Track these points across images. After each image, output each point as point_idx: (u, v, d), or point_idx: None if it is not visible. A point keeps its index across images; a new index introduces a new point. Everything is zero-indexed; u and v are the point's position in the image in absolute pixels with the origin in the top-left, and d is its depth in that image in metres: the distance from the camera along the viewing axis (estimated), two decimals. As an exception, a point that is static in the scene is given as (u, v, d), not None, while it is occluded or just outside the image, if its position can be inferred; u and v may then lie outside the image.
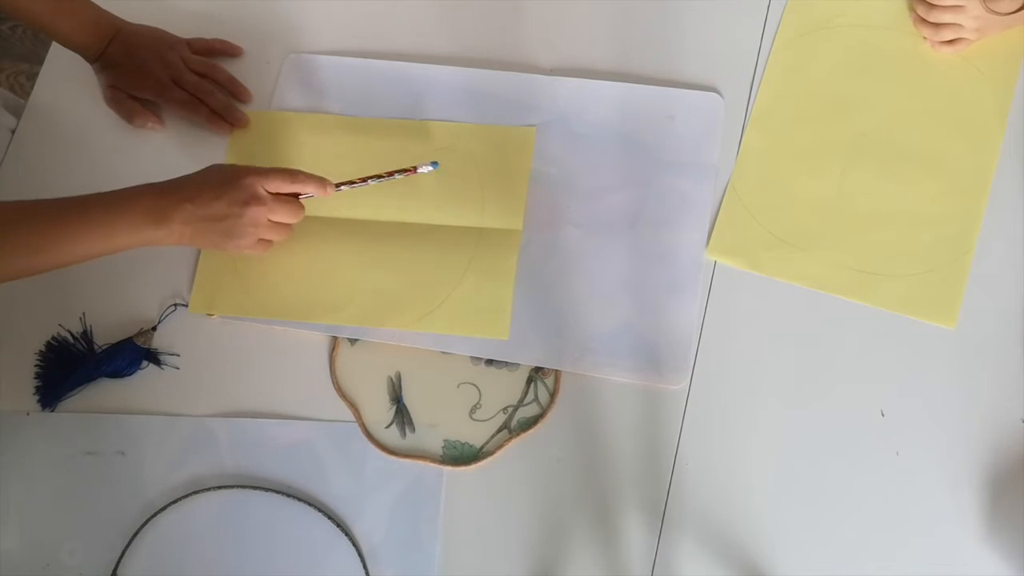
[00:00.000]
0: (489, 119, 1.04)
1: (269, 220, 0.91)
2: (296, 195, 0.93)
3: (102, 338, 0.96)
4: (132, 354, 0.94)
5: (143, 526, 0.89)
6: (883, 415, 0.90)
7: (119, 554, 0.88)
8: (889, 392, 0.91)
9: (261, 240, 0.92)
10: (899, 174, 0.99)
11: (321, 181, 0.93)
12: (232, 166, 0.92)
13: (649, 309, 0.95)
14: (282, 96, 1.08)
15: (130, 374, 0.94)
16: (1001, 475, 0.87)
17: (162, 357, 0.95)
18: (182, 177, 0.91)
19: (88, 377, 0.94)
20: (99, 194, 0.88)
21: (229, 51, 1.09)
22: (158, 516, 0.89)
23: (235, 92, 1.06)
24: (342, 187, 0.96)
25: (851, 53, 1.04)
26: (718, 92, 1.04)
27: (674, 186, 1.00)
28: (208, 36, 1.09)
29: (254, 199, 0.89)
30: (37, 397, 0.94)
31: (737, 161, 1.01)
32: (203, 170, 0.91)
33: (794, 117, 1.02)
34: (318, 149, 1.04)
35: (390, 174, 0.97)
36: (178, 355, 0.95)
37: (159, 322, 0.96)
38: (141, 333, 0.96)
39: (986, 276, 0.94)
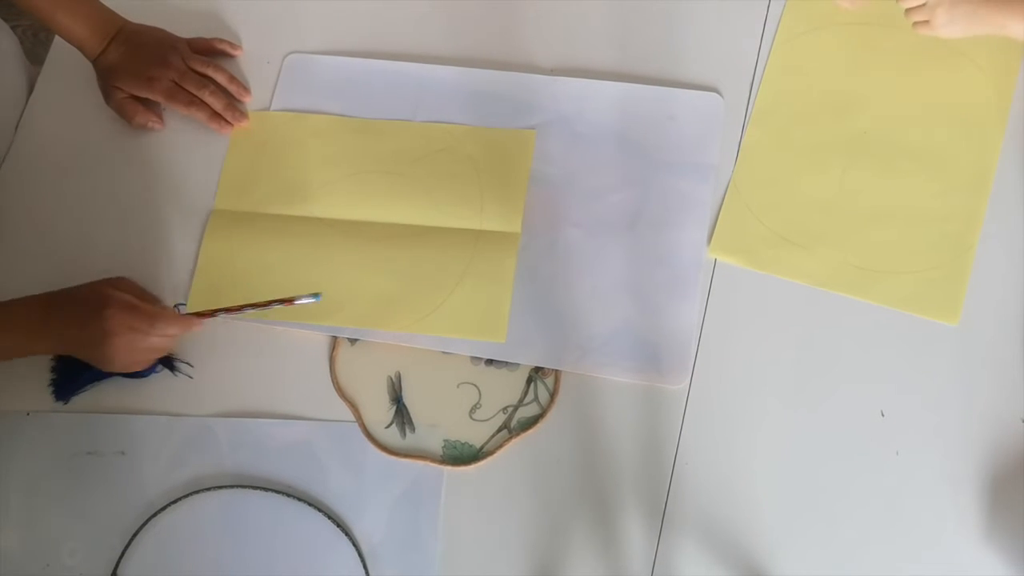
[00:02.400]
0: (489, 119, 1.04)
1: (139, 347, 0.91)
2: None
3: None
4: None
5: (143, 526, 0.89)
6: (883, 415, 0.90)
7: (119, 554, 0.88)
8: (889, 392, 0.91)
9: (137, 362, 0.92)
10: (900, 171, 0.99)
11: (185, 322, 0.92)
12: (104, 290, 0.91)
13: (649, 309, 0.95)
14: (282, 96, 1.08)
15: (146, 375, 0.94)
16: (1001, 475, 0.87)
17: (177, 364, 0.95)
18: (63, 291, 0.91)
19: (104, 374, 0.94)
20: None
21: (229, 51, 1.09)
22: (158, 516, 0.89)
23: (236, 92, 1.06)
24: (210, 316, 0.92)
25: (851, 51, 1.04)
26: (718, 92, 1.04)
27: (674, 186, 1.00)
28: (208, 36, 1.09)
29: (115, 333, 0.89)
30: (52, 389, 0.94)
31: (738, 160, 1.01)
32: (79, 287, 0.92)
33: (795, 115, 1.02)
34: (318, 150, 1.04)
35: (268, 304, 0.92)
36: (192, 365, 0.95)
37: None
38: None
39: (987, 273, 0.94)
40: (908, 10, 1.01)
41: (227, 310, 0.93)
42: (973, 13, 0.98)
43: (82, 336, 0.90)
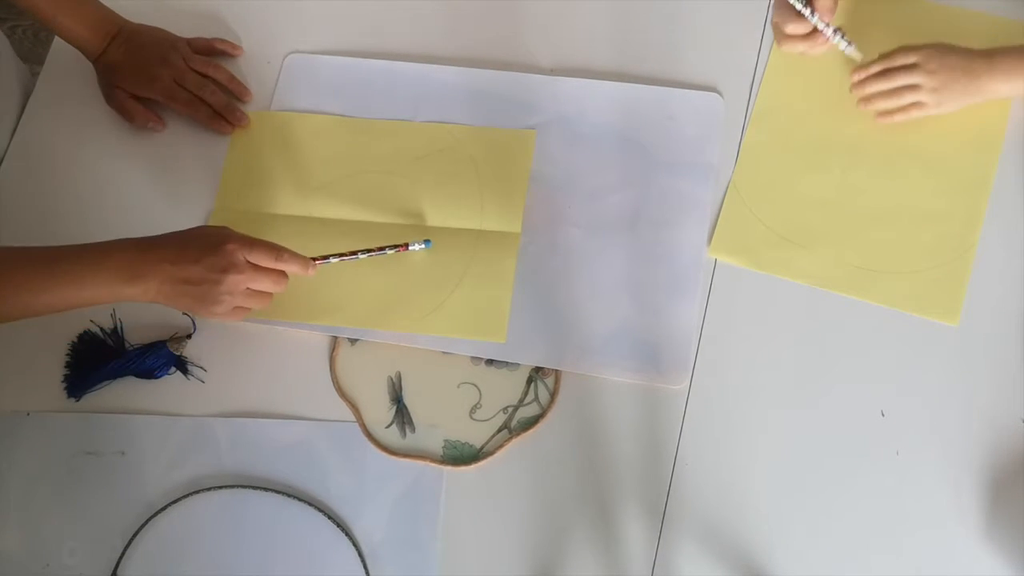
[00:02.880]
0: (489, 119, 1.04)
1: (248, 289, 0.89)
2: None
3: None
4: (165, 357, 0.94)
5: (143, 526, 0.89)
6: (883, 415, 0.90)
7: (119, 554, 0.88)
8: (889, 392, 0.91)
9: (237, 308, 0.90)
10: (900, 171, 0.99)
11: (304, 261, 0.90)
12: (219, 229, 0.89)
13: (649, 309, 0.95)
14: (282, 96, 1.08)
15: (159, 376, 0.94)
16: (1001, 475, 0.87)
17: (190, 367, 0.95)
18: (165, 234, 0.88)
19: (118, 372, 0.94)
20: (74, 246, 0.86)
21: (229, 51, 1.09)
22: (158, 516, 0.89)
23: (236, 91, 1.07)
24: (323, 262, 0.92)
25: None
26: (718, 92, 1.04)
27: (674, 186, 1.00)
28: (208, 36, 1.09)
29: (233, 267, 0.86)
30: (65, 385, 0.94)
31: (738, 160, 1.01)
32: (188, 230, 0.89)
33: (795, 115, 1.02)
34: (318, 150, 1.04)
35: (380, 249, 0.94)
36: (205, 369, 0.95)
37: (195, 330, 0.96)
38: (175, 339, 0.95)
39: (987, 274, 0.94)
40: (896, 92, 0.99)
41: (340, 255, 0.93)
42: (961, 91, 0.98)
43: (193, 272, 0.86)
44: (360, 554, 0.87)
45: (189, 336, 0.96)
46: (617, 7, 1.10)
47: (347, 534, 0.88)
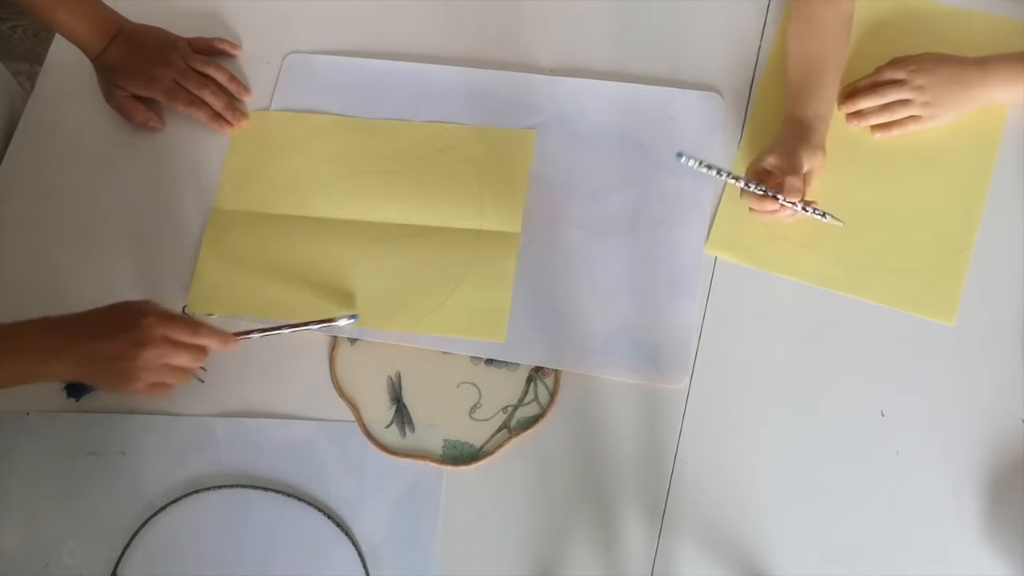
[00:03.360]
0: (489, 119, 1.04)
1: (165, 364, 0.86)
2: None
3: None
4: None
5: (143, 526, 0.89)
6: (883, 415, 0.90)
7: (119, 554, 0.88)
8: (889, 392, 0.91)
9: (156, 384, 0.87)
10: (898, 170, 0.99)
11: (224, 337, 0.89)
12: (138, 304, 0.87)
13: (649, 309, 0.95)
14: (282, 96, 1.08)
15: None
16: (1001, 475, 0.87)
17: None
18: (84, 312, 0.87)
19: None
20: None
21: (229, 50, 1.09)
22: (158, 516, 0.89)
23: (236, 91, 1.07)
24: (245, 337, 0.90)
25: (850, 51, 1.04)
26: (718, 92, 1.04)
27: (674, 186, 1.00)
28: (208, 36, 1.09)
29: (150, 342, 0.84)
30: (65, 385, 0.94)
31: (737, 158, 1.01)
32: (108, 306, 0.87)
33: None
34: (318, 149, 1.04)
35: (306, 324, 0.91)
36: (205, 369, 0.94)
37: None
38: None
39: (985, 273, 0.94)
40: (888, 107, 0.99)
41: (263, 331, 0.91)
42: (956, 102, 0.98)
43: (111, 349, 0.84)
44: (360, 554, 0.87)
45: None
46: (617, 7, 1.10)
47: (347, 534, 0.88)
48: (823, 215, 0.93)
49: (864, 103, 0.99)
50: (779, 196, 0.90)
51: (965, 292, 0.93)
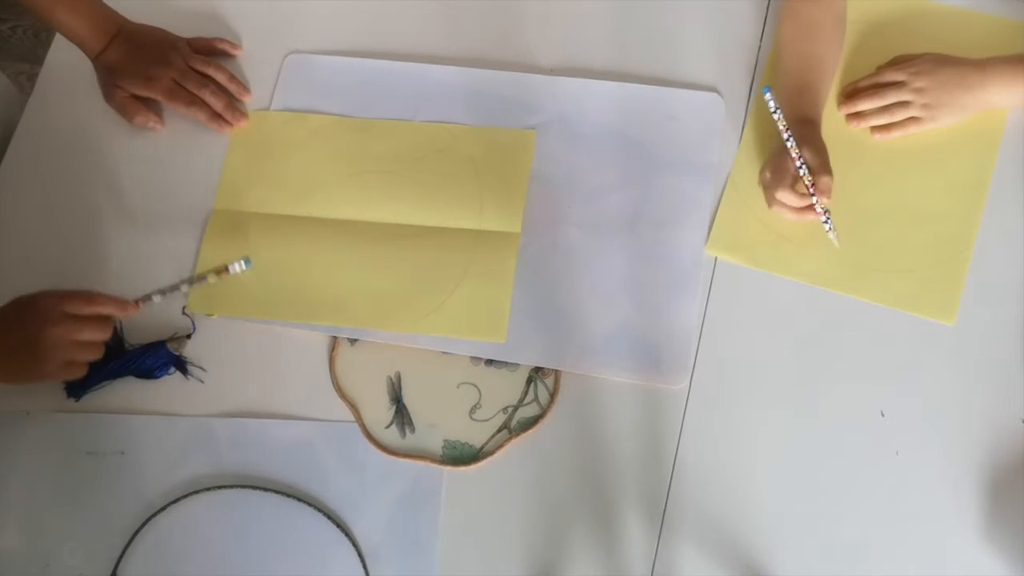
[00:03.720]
0: (489, 119, 1.04)
1: (73, 340, 0.88)
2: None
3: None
4: (165, 357, 0.94)
5: (143, 526, 0.89)
6: (883, 415, 0.90)
7: (119, 554, 0.88)
8: (889, 392, 0.91)
9: (69, 363, 0.89)
10: (898, 170, 0.99)
11: (121, 303, 0.92)
12: (32, 294, 0.89)
13: (649, 309, 0.95)
14: (282, 96, 1.08)
15: (159, 376, 0.94)
16: (1001, 475, 0.87)
17: (190, 368, 0.95)
18: None
19: (118, 372, 0.94)
20: None
21: (229, 50, 1.09)
22: (158, 516, 0.89)
23: (236, 91, 1.07)
24: (145, 302, 0.94)
25: (850, 51, 1.04)
26: (718, 92, 1.04)
27: (674, 186, 1.00)
28: (208, 36, 1.09)
29: (49, 320, 0.86)
30: (64, 385, 0.94)
31: (737, 157, 1.01)
32: (7, 303, 0.89)
33: (794, 116, 1.02)
34: (318, 150, 1.04)
35: (202, 277, 0.96)
36: (205, 369, 0.95)
37: (194, 330, 0.96)
38: (175, 339, 0.95)
39: (985, 273, 0.94)
40: (888, 109, 0.99)
41: (162, 291, 0.95)
42: (956, 104, 0.98)
43: (14, 337, 0.87)
44: (360, 554, 0.87)
45: (189, 336, 0.96)
46: (617, 7, 1.10)
47: (347, 534, 0.88)
48: (831, 228, 0.93)
49: (864, 104, 0.99)
50: (814, 198, 0.90)
51: (965, 292, 0.93)
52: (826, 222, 0.93)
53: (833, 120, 1.01)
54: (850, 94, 1.01)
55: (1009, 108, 1.00)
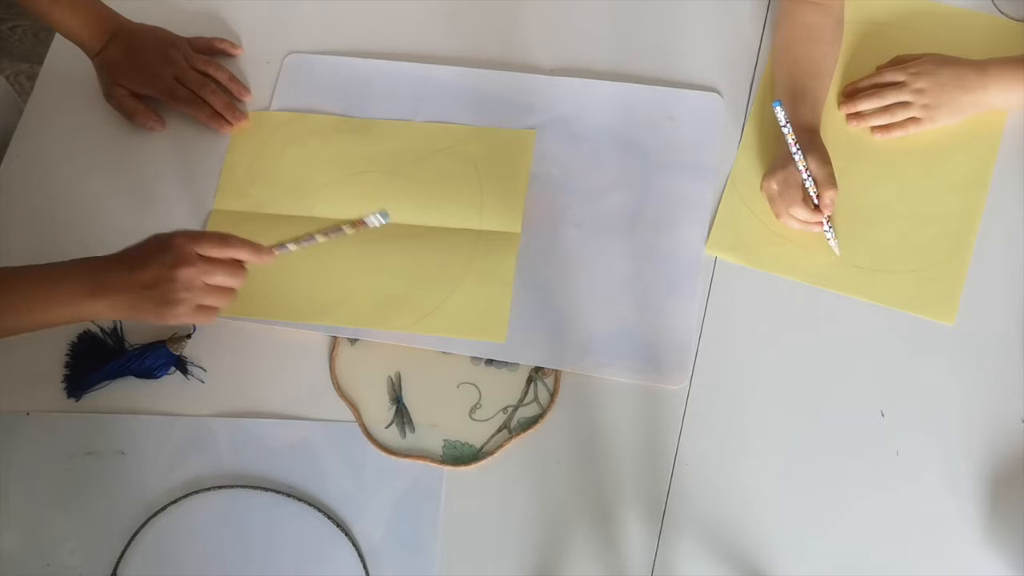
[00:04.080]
0: (489, 119, 1.04)
1: (205, 284, 0.85)
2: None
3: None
4: (165, 357, 0.94)
5: (143, 526, 0.89)
6: (883, 415, 0.90)
7: (119, 554, 0.88)
8: (889, 392, 0.91)
9: (201, 307, 0.86)
10: (898, 170, 0.99)
11: (256, 247, 0.87)
12: (167, 233, 0.86)
13: (649, 309, 0.95)
14: (282, 96, 1.08)
15: (159, 376, 0.94)
16: (1001, 475, 0.87)
17: (190, 368, 0.95)
18: (122, 250, 0.87)
19: (118, 372, 0.94)
20: (34, 266, 0.86)
21: (229, 50, 1.09)
22: (158, 516, 0.89)
23: (236, 91, 1.07)
24: (281, 250, 0.89)
25: (850, 50, 1.04)
26: (718, 92, 1.04)
27: (674, 186, 1.00)
28: (208, 36, 1.09)
29: (183, 261, 0.84)
30: (64, 385, 0.94)
31: (737, 157, 1.01)
32: (141, 241, 0.87)
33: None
34: (317, 150, 1.04)
35: (338, 228, 0.88)
36: (205, 369, 0.95)
37: (194, 330, 0.96)
38: (175, 339, 0.95)
39: (985, 273, 0.94)
40: (888, 109, 0.99)
41: (297, 240, 0.88)
42: (955, 105, 0.98)
43: (147, 275, 0.84)
44: (360, 554, 0.87)
45: (189, 336, 0.96)
46: (617, 7, 1.10)
47: (347, 534, 0.88)
48: (833, 236, 0.94)
49: (864, 104, 0.99)
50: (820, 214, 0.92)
51: (965, 292, 0.93)
52: (828, 231, 0.93)
53: (833, 120, 1.01)
54: (850, 94, 1.01)
55: (1009, 110, 1.00)
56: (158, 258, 0.84)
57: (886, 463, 0.88)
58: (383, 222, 0.87)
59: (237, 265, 0.87)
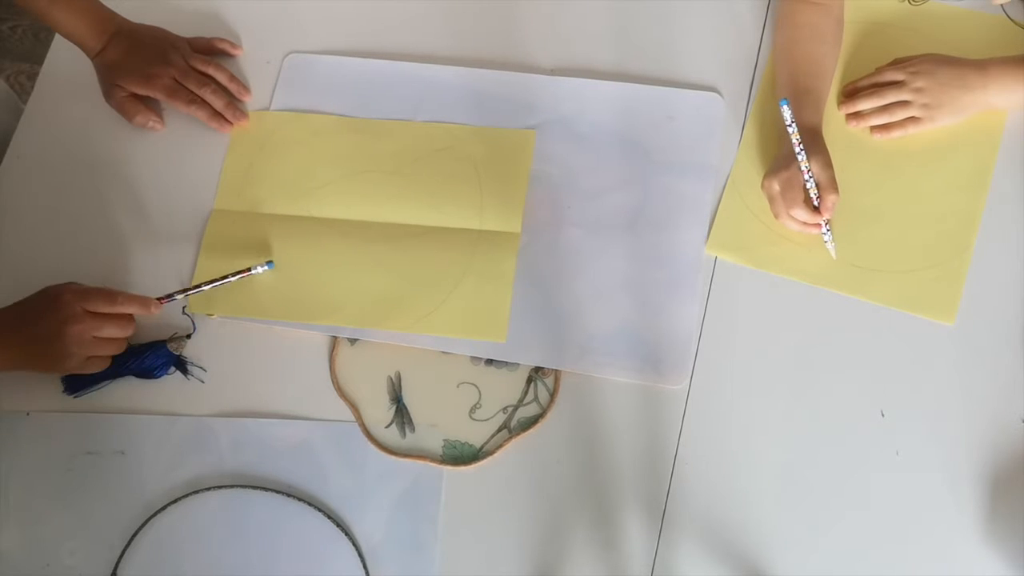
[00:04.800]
0: (489, 119, 1.04)
1: (95, 337, 0.90)
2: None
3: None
4: (164, 357, 0.94)
5: (143, 526, 0.89)
6: (883, 415, 0.90)
7: (119, 554, 0.88)
8: (889, 392, 0.91)
9: (92, 358, 0.91)
10: (898, 170, 0.99)
11: (144, 301, 0.92)
12: (56, 286, 0.91)
13: (649, 309, 0.95)
14: (282, 96, 1.08)
15: (158, 376, 0.94)
16: (1001, 475, 0.87)
17: (190, 367, 0.95)
18: (15, 303, 0.90)
19: (118, 372, 0.94)
20: None
21: (229, 50, 1.09)
22: (158, 516, 0.89)
23: (236, 91, 1.07)
24: (168, 301, 0.94)
25: (849, 51, 1.04)
26: (718, 92, 1.04)
27: (674, 186, 1.00)
28: (208, 36, 1.09)
29: (72, 318, 0.88)
30: (64, 385, 0.94)
31: (737, 157, 1.01)
32: (32, 295, 0.91)
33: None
34: (317, 149, 1.04)
35: (224, 278, 0.95)
36: (205, 369, 0.95)
37: (194, 330, 0.96)
38: (175, 339, 0.95)
39: (985, 273, 0.94)
40: (888, 108, 0.99)
41: (185, 291, 0.94)
42: (955, 105, 0.98)
43: (37, 332, 0.88)
44: (360, 554, 0.87)
45: (189, 336, 0.96)
46: (617, 7, 1.10)
47: (347, 534, 0.88)
48: (831, 240, 0.94)
49: (864, 104, 0.99)
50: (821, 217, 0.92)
51: (965, 292, 0.93)
52: (826, 233, 0.93)
53: (833, 120, 1.01)
54: (850, 94, 1.01)
55: (1008, 110, 0.99)
56: (48, 315, 0.88)
57: (886, 463, 0.88)
58: (268, 269, 0.96)
59: (126, 318, 0.92)
